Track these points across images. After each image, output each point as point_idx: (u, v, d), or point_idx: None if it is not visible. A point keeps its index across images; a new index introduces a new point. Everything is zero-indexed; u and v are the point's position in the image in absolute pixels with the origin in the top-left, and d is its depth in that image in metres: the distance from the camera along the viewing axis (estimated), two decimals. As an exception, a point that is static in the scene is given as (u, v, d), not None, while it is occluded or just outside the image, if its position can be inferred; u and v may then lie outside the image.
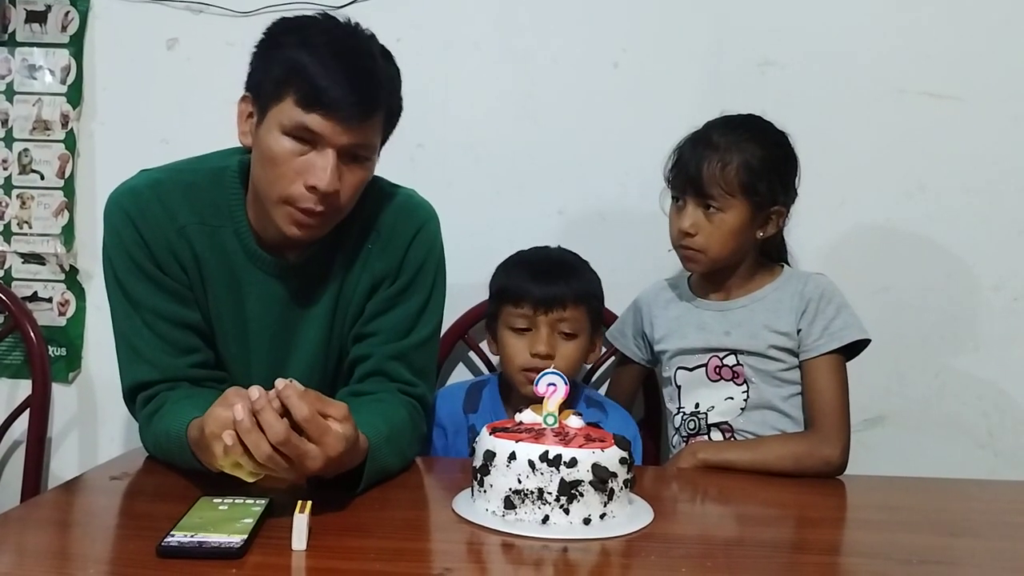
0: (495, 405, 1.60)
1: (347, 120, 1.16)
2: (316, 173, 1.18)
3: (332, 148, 1.18)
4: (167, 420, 1.18)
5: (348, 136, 1.18)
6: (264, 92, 1.21)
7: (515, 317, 1.53)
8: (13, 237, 1.96)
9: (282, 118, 1.18)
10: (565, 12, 1.86)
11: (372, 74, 1.20)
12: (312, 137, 1.18)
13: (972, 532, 1.16)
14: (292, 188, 1.19)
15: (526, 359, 1.51)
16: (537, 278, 1.52)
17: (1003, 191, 1.81)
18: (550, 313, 1.50)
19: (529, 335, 1.52)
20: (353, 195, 1.25)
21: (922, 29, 1.81)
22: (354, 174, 1.23)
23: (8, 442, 1.91)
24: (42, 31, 1.93)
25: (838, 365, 1.45)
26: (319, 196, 1.19)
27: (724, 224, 1.45)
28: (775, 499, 1.29)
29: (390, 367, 1.33)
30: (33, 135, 1.94)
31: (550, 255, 1.60)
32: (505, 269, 1.59)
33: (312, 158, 1.18)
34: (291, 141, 1.18)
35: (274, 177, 1.20)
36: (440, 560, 1.00)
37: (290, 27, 1.22)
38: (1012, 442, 1.85)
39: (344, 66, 1.17)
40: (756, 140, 1.46)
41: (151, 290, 1.28)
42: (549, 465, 1.03)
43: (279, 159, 1.19)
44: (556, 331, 1.52)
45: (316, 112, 1.16)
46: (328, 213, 1.22)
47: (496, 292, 1.58)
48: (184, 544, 0.92)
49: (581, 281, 1.54)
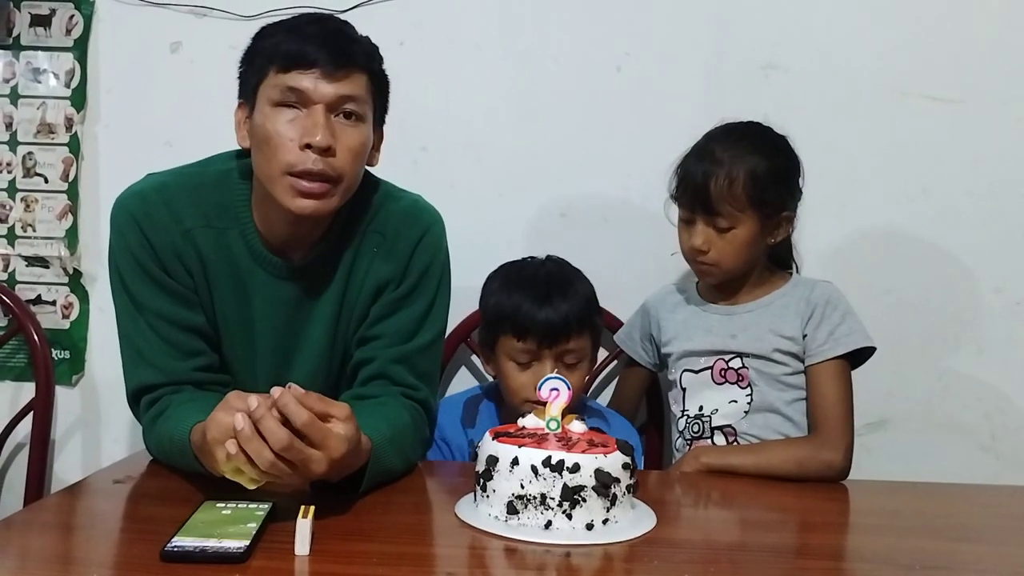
0: (492, 419, 1.57)
1: (325, 69, 1.20)
2: (308, 131, 1.20)
3: (318, 104, 1.20)
4: (170, 424, 1.18)
5: (331, 88, 1.20)
6: (250, 84, 1.26)
7: (517, 351, 1.46)
8: (17, 240, 1.96)
9: (268, 91, 1.22)
10: (568, 14, 1.86)
11: (344, 33, 1.25)
12: (298, 98, 1.20)
13: (976, 537, 1.16)
14: (289, 155, 1.20)
15: (530, 394, 1.40)
16: (540, 307, 1.43)
17: (1005, 194, 1.81)
18: (555, 346, 1.44)
19: (533, 368, 1.45)
20: (353, 161, 1.24)
21: (924, 32, 1.81)
22: (348, 135, 1.23)
23: (11, 445, 1.91)
24: (46, 35, 1.94)
25: (842, 371, 1.45)
26: (316, 153, 1.20)
27: (736, 239, 1.46)
28: (778, 504, 1.29)
29: (393, 371, 1.33)
30: (37, 138, 1.95)
31: (548, 274, 1.50)
32: (500, 290, 1.50)
33: (302, 120, 1.21)
34: (280, 111, 1.21)
35: (271, 151, 1.21)
36: (443, 565, 1.00)
37: (266, 27, 1.29)
38: (1015, 445, 1.85)
39: (316, 28, 1.23)
40: (759, 151, 1.46)
41: (156, 293, 1.28)
42: (552, 470, 1.03)
43: (272, 131, 1.21)
44: (560, 362, 1.46)
45: (295, 70, 1.20)
46: (330, 177, 1.22)
47: (494, 319, 1.49)
48: (187, 549, 0.92)
49: (582, 303, 1.46)
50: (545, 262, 1.56)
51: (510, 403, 1.51)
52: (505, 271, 1.55)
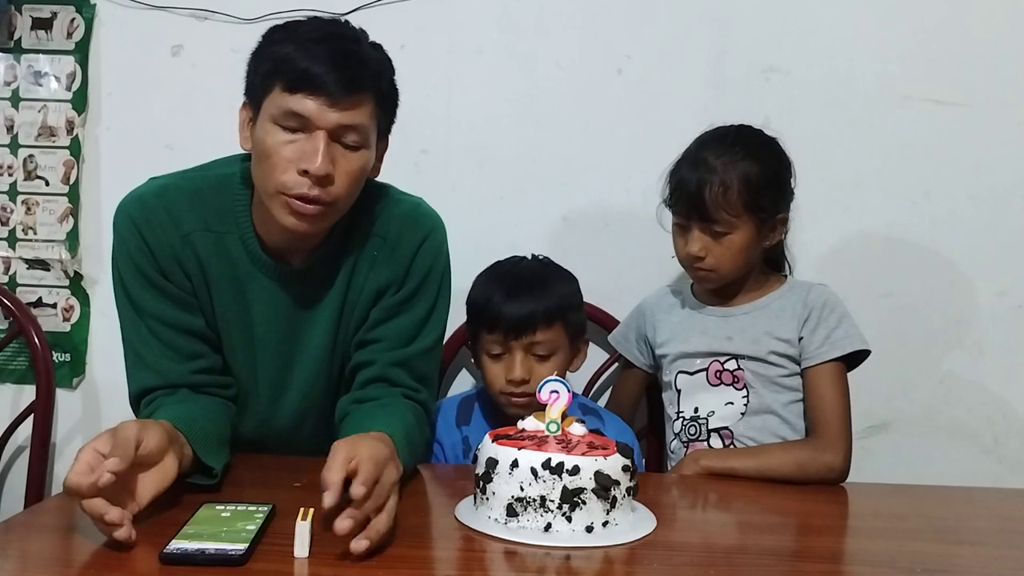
0: (488, 416, 1.59)
1: (331, 97, 1.17)
2: (307, 157, 1.18)
3: (321, 130, 1.18)
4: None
5: (335, 116, 1.18)
6: (256, 91, 1.23)
7: (490, 343, 1.50)
8: (18, 243, 1.96)
9: (272, 108, 1.19)
10: (569, 18, 1.86)
11: (355, 54, 1.21)
12: (301, 122, 1.18)
13: (976, 540, 1.16)
14: (286, 176, 1.19)
15: (503, 384, 1.49)
16: (507, 300, 1.48)
17: (1008, 197, 1.81)
18: (521, 338, 1.47)
19: (504, 360, 1.50)
20: (350, 186, 1.23)
21: (926, 35, 1.80)
22: (348, 161, 1.22)
23: (12, 448, 1.91)
24: (47, 38, 1.94)
25: (840, 373, 1.46)
26: (312, 180, 1.18)
27: (733, 244, 1.46)
28: (778, 506, 1.28)
29: (392, 373, 1.33)
30: (38, 141, 1.95)
31: (519, 271, 1.55)
32: (478, 288, 1.55)
33: (302, 144, 1.19)
34: (282, 131, 1.19)
35: (269, 168, 1.20)
36: (442, 567, 1.00)
37: (278, 28, 1.25)
38: (1017, 448, 1.84)
39: (326, 48, 1.19)
40: (751, 155, 1.46)
41: (155, 297, 1.29)
42: (552, 473, 1.03)
43: (271, 149, 1.19)
44: (530, 353, 1.49)
45: (300, 93, 1.17)
46: (325, 202, 1.21)
47: (472, 315, 1.55)
48: (187, 551, 0.92)
49: (551, 298, 1.49)
50: (526, 259, 1.60)
51: (492, 397, 1.54)
52: (487, 270, 1.58)
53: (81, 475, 0.94)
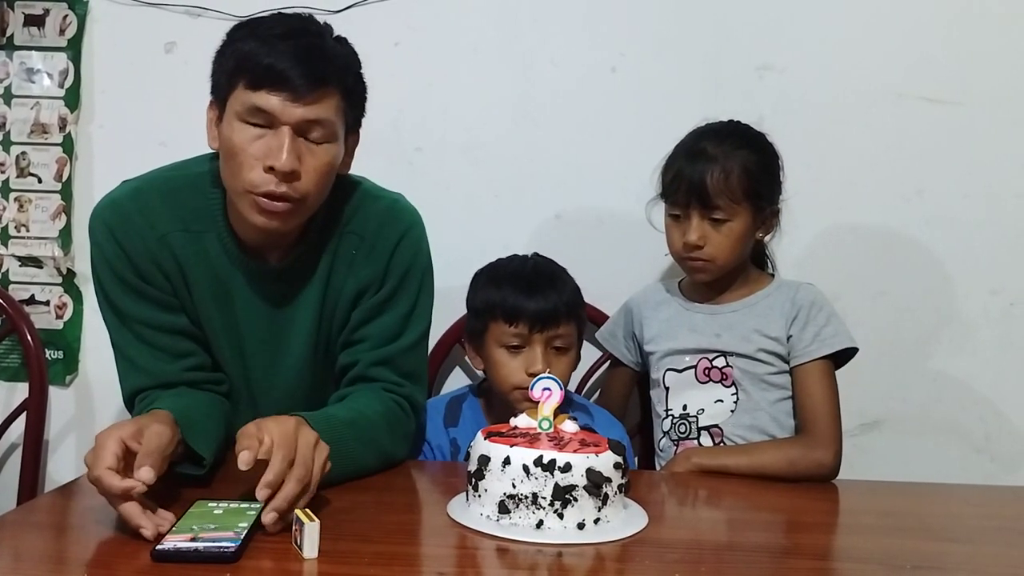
0: (477, 417, 1.58)
1: (295, 92, 1.17)
2: (272, 153, 1.17)
3: (285, 126, 1.18)
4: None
5: (299, 111, 1.17)
6: (221, 89, 1.23)
7: (508, 336, 1.48)
8: (10, 240, 1.96)
9: (236, 106, 1.19)
10: (563, 16, 1.86)
11: (319, 49, 1.21)
12: (265, 119, 1.18)
13: (966, 538, 1.16)
14: (253, 174, 1.18)
15: (522, 378, 1.46)
16: (530, 294, 1.47)
17: (1001, 196, 1.81)
18: (545, 331, 1.47)
19: (523, 353, 1.48)
20: (318, 181, 1.22)
21: (920, 33, 1.81)
22: (315, 157, 1.21)
23: (5, 445, 1.91)
24: (40, 35, 1.93)
25: (828, 371, 1.47)
26: (279, 177, 1.18)
27: (732, 232, 1.47)
28: (769, 504, 1.29)
29: (375, 372, 1.33)
30: (31, 138, 1.94)
31: (535, 266, 1.55)
32: (489, 283, 1.53)
33: (268, 140, 1.18)
34: (247, 127, 1.19)
35: (236, 167, 1.20)
36: (434, 564, 1.00)
37: (242, 25, 1.25)
38: (1009, 447, 1.85)
39: (289, 44, 1.18)
40: (748, 145, 1.49)
41: (136, 301, 1.29)
42: (544, 470, 1.03)
43: (238, 147, 1.19)
44: (549, 347, 1.49)
45: (264, 89, 1.17)
46: (293, 199, 1.20)
47: (483, 308, 1.52)
48: (179, 548, 0.92)
49: (569, 293, 1.51)
50: (531, 258, 1.59)
51: (500, 391, 1.52)
52: (492, 267, 1.57)
53: (111, 475, 0.97)
